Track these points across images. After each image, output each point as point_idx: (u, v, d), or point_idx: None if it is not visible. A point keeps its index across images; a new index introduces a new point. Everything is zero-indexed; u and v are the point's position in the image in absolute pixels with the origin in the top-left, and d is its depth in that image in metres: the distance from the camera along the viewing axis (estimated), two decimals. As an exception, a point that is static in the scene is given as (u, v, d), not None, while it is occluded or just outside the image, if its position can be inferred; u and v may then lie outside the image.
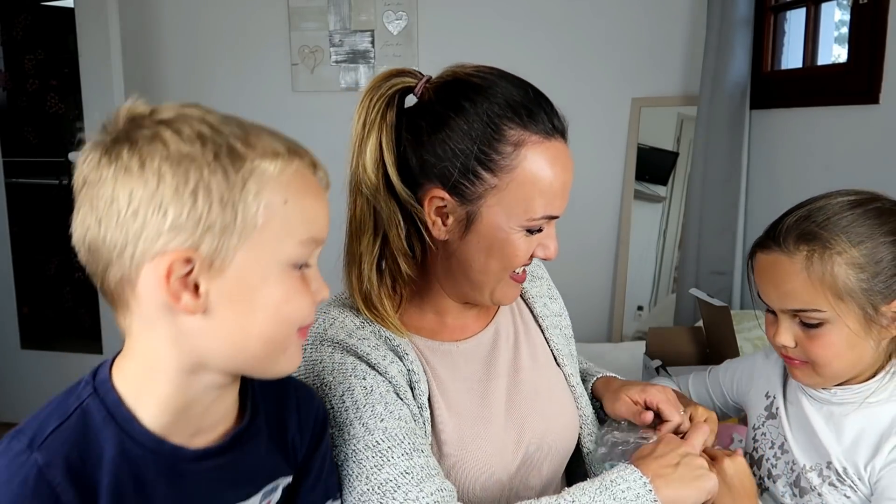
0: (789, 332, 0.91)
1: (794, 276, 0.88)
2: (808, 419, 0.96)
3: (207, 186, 0.57)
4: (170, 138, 0.57)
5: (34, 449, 0.57)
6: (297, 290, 0.62)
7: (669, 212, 3.02)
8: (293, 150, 0.63)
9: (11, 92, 3.63)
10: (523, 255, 0.88)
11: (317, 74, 3.10)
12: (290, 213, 0.61)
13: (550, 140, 0.86)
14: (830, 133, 2.22)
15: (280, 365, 0.65)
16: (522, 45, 3.00)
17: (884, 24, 1.94)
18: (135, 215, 0.57)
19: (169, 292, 0.58)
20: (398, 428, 0.82)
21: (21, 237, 3.14)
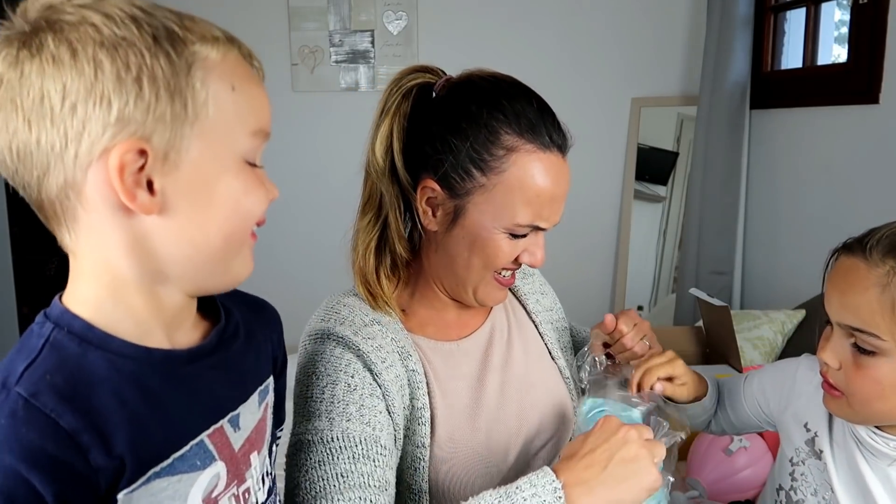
0: (838, 351, 0.79)
1: (865, 290, 0.75)
2: (862, 475, 0.83)
3: (152, 73, 0.51)
4: (101, 22, 0.51)
5: (10, 387, 0.51)
6: (254, 183, 0.59)
7: (669, 212, 3.02)
8: (229, 36, 0.58)
9: (11, 92, 3.64)
10: (505, 257, 0.90)
11: (317, 74, 3.10)
12: (239, 99, 0.56)
13: (545, 152, 0.87)
14: (830, 133, 2.22)
15: (235, 269, 0.61)
16: (522, 45, 3.00)
17: (884, 24, 1.94)
18: (73, 110, 0.50)
19: (124, 189, 0.52)
20: (360, 432, 0.83)
21: (21, 237, 3.14)
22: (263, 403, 0.69)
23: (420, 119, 0.91)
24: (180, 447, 0.57)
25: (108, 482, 0.52)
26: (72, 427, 0.50)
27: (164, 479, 0.55)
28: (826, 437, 0.89)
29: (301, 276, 2.99)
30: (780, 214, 2.48)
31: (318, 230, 3.37)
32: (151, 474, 0.54)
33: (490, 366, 0.99)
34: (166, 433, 0.56)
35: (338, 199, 3.12)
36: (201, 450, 0.58)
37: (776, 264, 2.51)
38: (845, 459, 0.86)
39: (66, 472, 0.50)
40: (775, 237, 2.51)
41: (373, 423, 0.84)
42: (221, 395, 0.63)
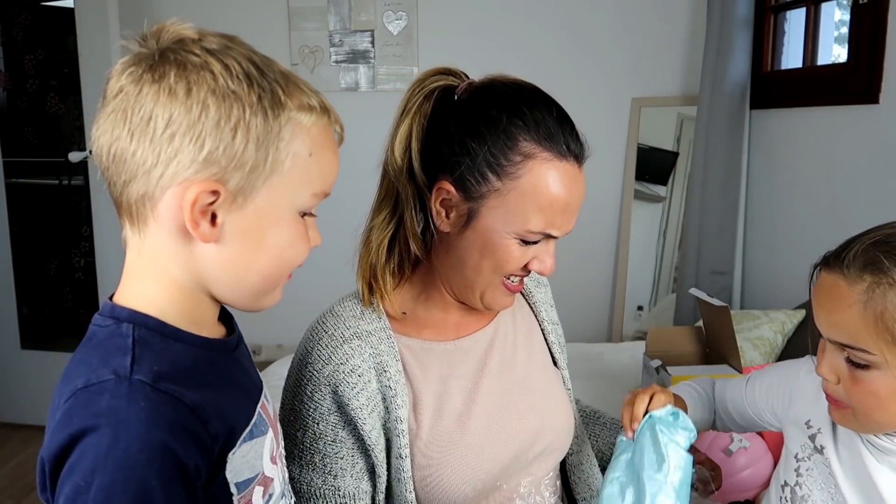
0: (834, 366, 0.79)
1: (848, 307, 0.75)
2: (868, 473, 0.83)
3: (248, 126, 0.59)
4: (219, 72, 0.59)
5: (128, 377, 0.57)
6: (300, 236, 0.66)
7: (669, 212, 3.02)
8: (324, 106, 0.66)
9: (11, 92, 3.63)
10: (515, 262, 0.90)
11: (317, 74, 3.10)
12: (312, 165, 0.64)
13: (561, 160, 0.87)
14: (830, 133, 2.22)
15: (265, 301, 0.69)
16: (522, 45, 3.00)
17: (884, 24, 1.94)
18: (171, 139, 0.58)
19: (190, 219, 0.60)
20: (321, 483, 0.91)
21: (21, 237, 3.14)
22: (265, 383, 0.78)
23: (440, 121, 0.92)
24: (251, 417, 0.67)
25: (219, 448, 0.61)
26: (193, 403, 0.58)
27: (248, 443, 0.65)
28: (829, 434, 0.89)
29: (299, 275, 2.98)
30: (780, 214, 2.48)
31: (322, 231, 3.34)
32: (242, 439, 0.64)
33: (488, 369, 0.98)
34: (242, 406, 0.66)
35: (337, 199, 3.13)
36: (261, 419, 0.68)
37: (776, 264, 2.51)
38: (849, 455, 0.86)
39: (197, 442, 0.58)
40: (775, 237, 2.51)
41: (334, 470, 0.91)
42: (254, 375, 0.73)
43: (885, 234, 0.77)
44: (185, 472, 0.57)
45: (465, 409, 0.94)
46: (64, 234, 3.56)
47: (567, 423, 1.04)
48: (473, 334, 1.00)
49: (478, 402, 0.95)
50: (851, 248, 0.78)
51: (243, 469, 0.64)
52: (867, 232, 0.79)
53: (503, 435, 0.96)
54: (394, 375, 0.91)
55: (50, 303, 3.61)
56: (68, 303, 3.64)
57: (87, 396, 0.56)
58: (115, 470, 0.54)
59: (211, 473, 0.61)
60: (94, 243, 2.88)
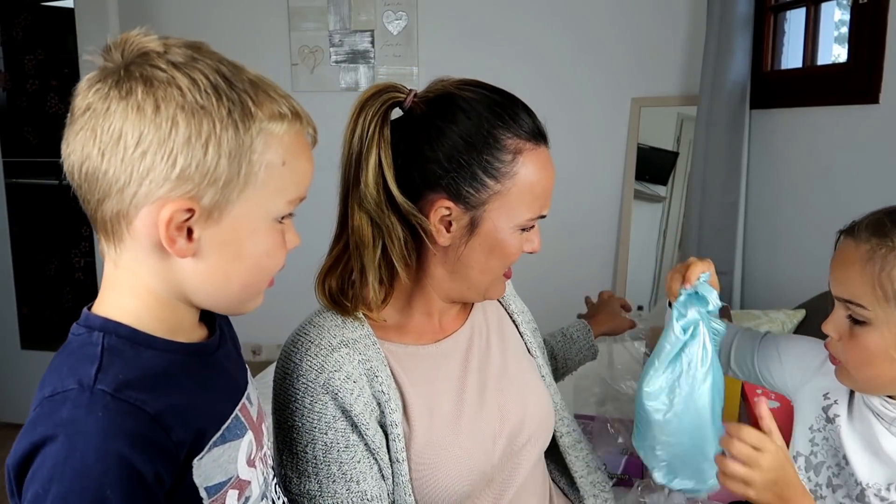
0: (837, 324, 0.88)
1: (852, 264, 0.85)
2: (878, 439, 0.90)
3: (219, 140, 0.59)
4: (186, 87, 0.58)
5: (91, 387, 0.57)
6: (278, 244, 0.67)
7: (669, 212, 3.02)
8: (295, 112, 0.65)
9: (11, 92, 3.64)
10: (517, 252, 0.95)
11: (317, 74, 3.10)
12: (286, 173, 0.64)
13: (540, 146, 0.93)
14: (830, 133, 2.22)
15: (247, 306, 0.69)
16: (522, 45, 3.00)
17: (884, 24, 1.94)
18: (143, 156, 0.58)
19: (166, 237, 0.60)
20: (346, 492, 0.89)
21: (21, 237, 3.14)
22: (253, 383, 0.79)
23: (407, 140, 0.90)
24: (226, 420, 0.67)
25: (184, 454, 0.61)
26: (155, 411, 0.58)
27: (220, 447, 0.65)
28: (845, 405, 0.95)
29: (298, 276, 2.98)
30: (780, 214, 2.48)
31: (317, 230, 3.35)
32: (211, 444, 0.64)
33: (470, 367, 1.00)
34: (216, 410, 0.66)
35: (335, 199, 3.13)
36: (238, 421, 0.69)
37: (776, 264, 2.51)
38: (861, 424, 0.92)
39: (158, 450, 0.59)
40: (775, 237, 2.51)
41: (355, 476, 0.89)
42: (237, 376, 0.73)
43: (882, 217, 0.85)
44: (142, 482, 0.57)
45: (455, 410, 0.96)
46: (64, 234, 3.56)
47: (547, 410, 1.06)
48: (453, 335, 1.01)
49: (465, 401, 0.97)
50: (867, 216, 0.87)
51: (214, 473, 0.64)
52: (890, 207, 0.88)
53: (491, 431, 0.97)
54: (385, 380, 0.91)
55: (50, 303, 3.61)
56: (68, 303, 3.64)
57: (50, 406, 0.57)
58: (72, 479, 0.54)
59: (177, 479, 0.61)
60: (93, 243, 2.88)
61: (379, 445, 0.90)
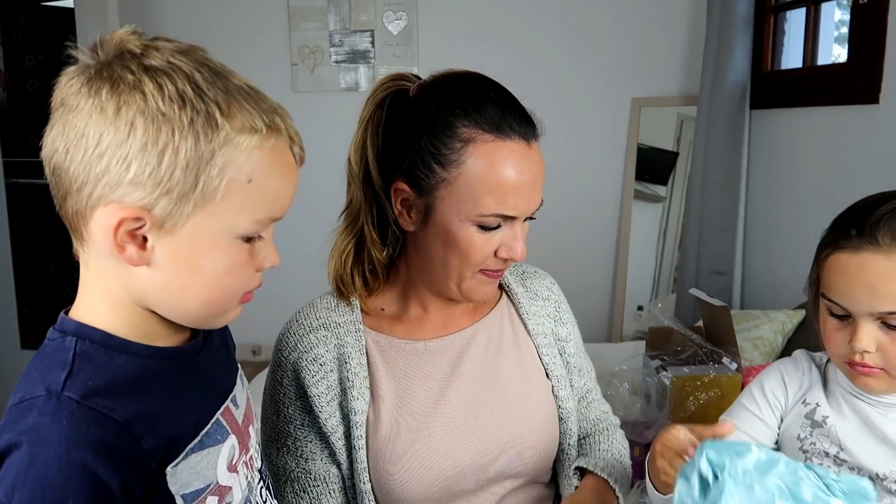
0: (871, 335, 0.84)
1: (890, 278, 0.81)
2: (877, 426, 0.89)
3: (176, 150, 0.56)
4: (150, 92, 0.56)
5: (58, 394, 0.56)
6: (241, 263, 0.63)
7: (669, 212, 3.02)
8: (273, 125, 0.61)
9: (11, 92, 3.64)
10: (479, 252, 0.89)
11: (317, 74, 3.10)
12: (252, 191, 0.60)
13: (504, 140, 0.87)
14: (830, 133, 2.22)
15: (216, 322, 0.67)
16: (522, 45, 3.00)
17: (884, 24, 1.94)
18: (100, 158, 0.56)
19: (114, 243, 0.58)
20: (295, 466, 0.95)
21: (21, 237, 3.14)
22: (244, 384, 0.77)
23: (391, 124, 0.93)
24: (204, 426, 0.65)
25: (157, 462, 0.60)
26: (124, 419, 0.57)
27: (198, 453, 0.63)
28: (827, 405, 0.93)
29: (298, 275, 2.99)
30: (780, 214, 2.48)
31: (317, 230, 3.35)
32: (188, 450, 0.62)
33: (460, 372, 0.97)
34: (193, 415, 0.65)
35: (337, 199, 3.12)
36: (219, 426, 0.67)
37: (776, 264, 2.51)
38: (856, 417, 0.91)
39: (125, 459, 0.57)
40: (775, 237, 2.51)
41: (305, 453, 0.94)
42: (221, 380, 0.71)
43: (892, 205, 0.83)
44: (106, 492, 0.56)
45: (428, 410, 0.94)
46: (64, 234, 3.55)
47: (544, 443, 0.99)
48: (448, 336, 0.99)
49: (443, 403, 0.95)
50: (870, 224, 0.82)
51: (192, 480, 0.63)
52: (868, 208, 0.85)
53: (464, 440, 0.94)
54: (354, 367, 0.93)
55: (50, 303, 3.61)
56: (68, 303, 3.64)
57: (17, 413, 0.57)
58: (33, 488, 0.54)
59: (149, 489, 0.60)
60: (94, 243, 2.88)
61: (332, 430, 0.92)
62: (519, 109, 0.90)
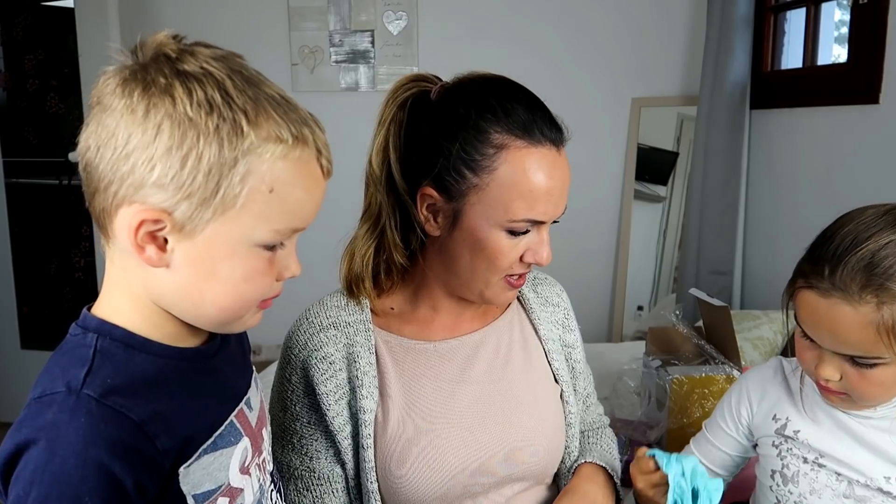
0: (836, 367, 0.85)
1: (860, 328, 0.80)
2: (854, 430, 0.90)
3: (199, 155, 0.57)
4: (180, 97, 0.57)
5: (78, 391, 0.57)
6: (259, 271, 0.63)
7: (669, 212, 3.02)
8: (300, 136, 0.61)
9: (11, 92, 3.64)
10: (506, 257, 0.89)
11: (317, 74, 3.10)
12: (273, 201, 0.61)
13: (536, 146, 0.87)
14: (830, 133, 2.22)
15: (233, 327, 0.67)
16: (522, 45, 3.00)
17: (884, 24, 1.94)
18: (127, 158, 0.58)
19: (134, 243, 0.59)
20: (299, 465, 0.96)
21: (21, 237, 3.14)
22: (259, 386, 0.78)
23: (415, 127, 0.92)
24: (218, 427, 0.66)
25: (171, 462, 0.60)
26: (140, 419, 0.58)
27: (211, 454, 0.64)
28: (801, 418, 0.95)
29: (304, 277, 2.98)
30: (780, 214, 2.48)
31: (317, 230, 3.35)
32: (201, 451, 0.63)
33: (469, 375, 0.97)
34: (208, 416, 0.66)
35: (337, 200, 3.11)
36: (233, 428, 0.68)
37: (776, 264, 2.51)
38: (829, 419, 0.92)
39: (140, 459, 0.58)
40: (775, 237, 2.51)
41: (310, 452, 0.95)
42: (236, 382, 0.72)
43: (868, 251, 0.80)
44: (121, 490, 0.57)
45: (437, 411, 0.94)
46: (64, 234, 3.56)
47: (551, 447, 0.99)
48: (458, 338, 0.99)
49: (452, 405, 0.95)
50: (839, 270, 0.81)
51: (203, 481, 0.63)
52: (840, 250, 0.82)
53: (472, 442, 0.94)
54: (363, 367, 0.93)
55: (50, 303, 3.61)
56: (68, 303, 3.64)
57: (37, 408, 0.58)
58: (51, 484, 0.55)
59: (162, 488, 0.60)
60: (94, 243, 2.88)
61: (339, 429, 0.92)
62: (548, 114, 0.91)
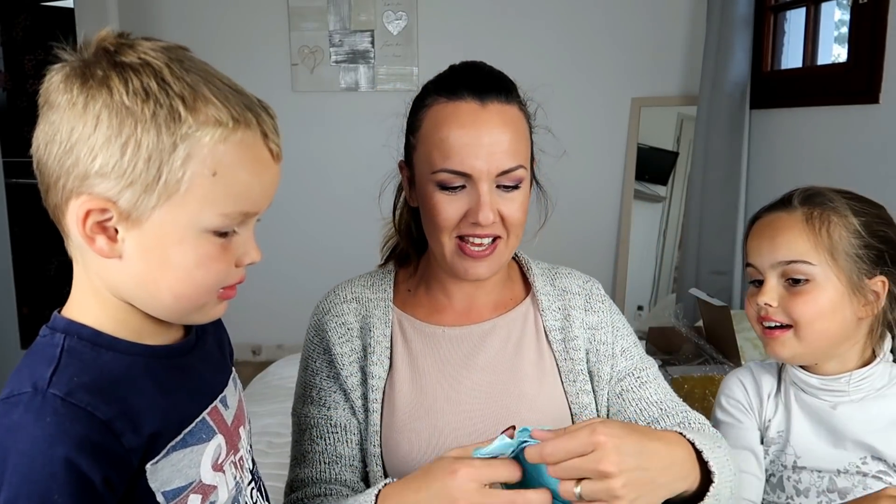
0: (774, 290, 0.94)
1: (791, 227, 0.93)
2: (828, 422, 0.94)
3: (138, 142, 0.58)
4: (116, 87, 0.58)
5: (44, 391, 0.57)
6: (212, 257, 0.63)
7: (669, 212, 3.02)
8: (240, 118, 0.61)
9: (11, 92, 3.64)
10: (442, 213, 0.90)
11: (317, 74, 3.10)
12: (217, 185, 0.61)
13: (454, 101, 0.91)
14: (830, 133, 2.22)
15: (195, 317, 0.67)
16: (522, 45, 3.00)
17: (884, 24, 1.94)
18: (70, 151, 0.58)
19: (84, 234, 0.59)
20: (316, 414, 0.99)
21: (21, 237, 3.14)
22: (237, 386, 0.78)
23: None
24: (188, 424, 0.66)
25: (138, 459, 0.60)
26: (106, 416, 0.58)
27: (180, 451, 0.64)
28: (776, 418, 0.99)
29: (298, 275, 2.99)
30: (780, 214, 2.48)
31: (317, 230, 3.35)
32: (169, 448, 0.63)
33: (474, 363, 0.98)
34: (177, 413, 0.65)
35: (337, 199, 3.12)
36: (205, 425, 0.68)
37: (776, 264, 2.51)
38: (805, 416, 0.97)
39: (107, 456, 0.58)
40: (775, 237, 2.51)
41: (328, 402, 0.98)
42: (211, 380, 0.72)
43: (814, 189, 0.97)
44: (89, 487, 0.57)
45: (440, 393, 0.96)
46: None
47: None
48: (468, 326, 1.00)
49: (455, 389, 0.97)
50: (787, 194, 0.98)
51: (173, 477, 0.63)
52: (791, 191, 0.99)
53: (471, 427, 0.95)
54: (377, 336, 0.98)
55: (50, 303, 3.60)
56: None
57: (4, 409, 0.58)
58: (20, 485, 0.55)
59: (130, 485, 0.61)
60: (94, 243, 2.88)
61: (353, 388, 0.97)
62: (483, 75, 0.93)
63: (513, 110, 0.91)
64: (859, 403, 0.94)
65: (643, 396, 0.99)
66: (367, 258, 1.17)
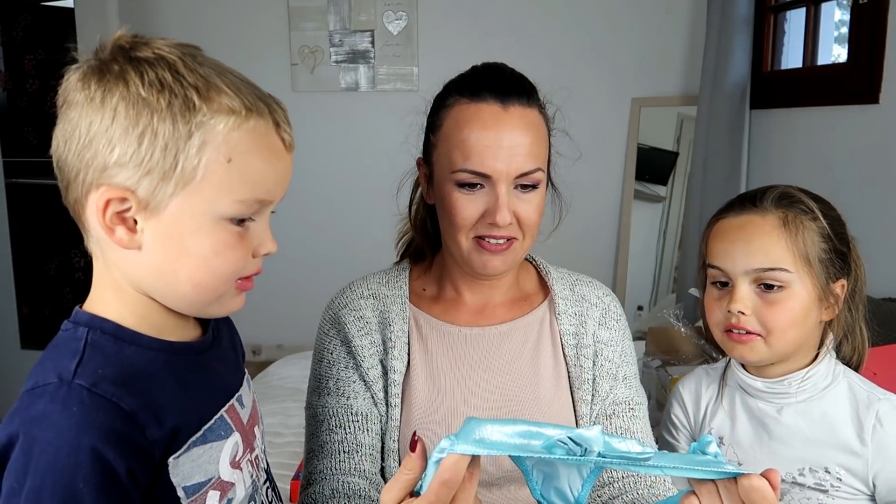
0: (747, 298, 0.91)
1: (767, 234, 0.90)
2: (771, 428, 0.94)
3: (154, 132, 0.59)
4: (132, 80, 0.59)
5: (69, 382, 0.58)
6: (229, 245, 0.64)
7: (669, 212, 3.02)
8: (253, 107, 0.63)
9: (11, 92, 3.63)
10: (461, 212, 0.91)
11: (317, 74, 3.10)
12: (232, 172, 0.62)
13: (476, 103, 0.91)
14: (830, 133, 2.22)
15: (213, 309, 0.67)
16: (522, 45, 3.00)
17: (884, 24, 1.94)
18: (90, 144, 0.60)
19: (104, 225, 0.61)
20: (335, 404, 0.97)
21: (21, 237, 3.14)
22: (251, 387, 0.79)
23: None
24: (208, 420, 0.67)
25: (160, 452, 0.61)
26: (131, 408, 0.59)
27: (200, 446, 0.65)
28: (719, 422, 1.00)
29: (298, 276, 2.99)
30: (780, 214, 2.48)
31: (317, 230, 3.38)
32: (190, 443, 0.64)
33: (490, 364, 0.98)
34: (197, 409, 0.66)
35: (337, 199, 3.12)
36: (223, 423, 0.69)
37: (776, 264, 2.51)
38: (749, 419, 0.97)
39: (132, 447, 0.59)
40: (775, 237, 2.51)
41: (347, 392, 0.97)
42: (227, 378, 0.73)
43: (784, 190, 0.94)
44: (114, 477, 0.57)
45: (455, 391, 0.96)
46: (64, 234, 3.56)
47: None
48: (484, 327, 1.00)
49: (470, 389, 0.97)
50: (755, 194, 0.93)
51: (193, 473, 0.64)
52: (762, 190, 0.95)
53: None
54: (396, 331, 0.98)
55: (50, 303, 3.61)
56: (68, 303, 3.63)
57: (29, 399, 0.58)
58: (45, 473, 0.55)
59: (153, 478, 0.61)
60: (94, 243, 2.88)
61: (374, 380, 0.96)
62: (505, 77, 0.94)
63: (533, 113, 0.93)
64: (805, 404, 0.93)
65: (631, 429, 1.00)
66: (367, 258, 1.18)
